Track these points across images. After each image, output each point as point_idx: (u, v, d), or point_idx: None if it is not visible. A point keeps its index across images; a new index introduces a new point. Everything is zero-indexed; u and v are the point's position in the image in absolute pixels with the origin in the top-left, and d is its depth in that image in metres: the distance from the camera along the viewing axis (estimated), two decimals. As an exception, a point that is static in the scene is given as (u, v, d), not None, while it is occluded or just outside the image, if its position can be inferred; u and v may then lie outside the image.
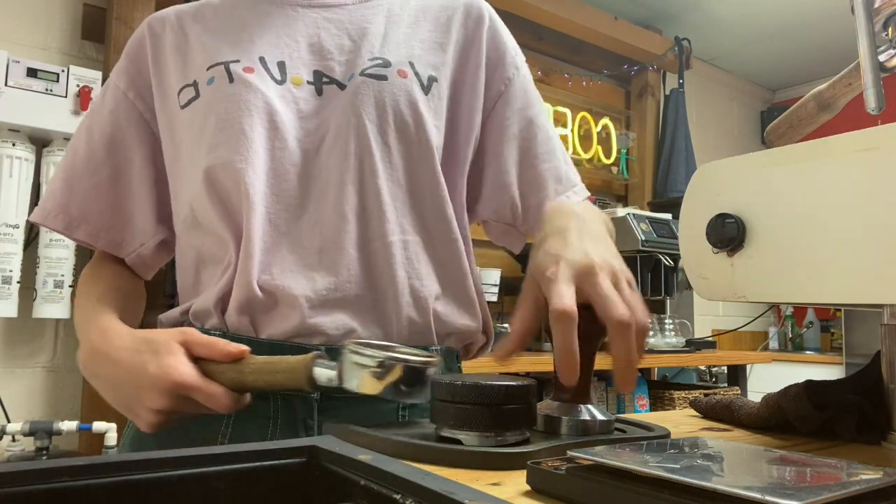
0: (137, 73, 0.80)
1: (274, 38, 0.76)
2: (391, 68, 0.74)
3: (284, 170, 0.71)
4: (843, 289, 0.47)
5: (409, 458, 0.46)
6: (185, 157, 0.76)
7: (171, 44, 0.79)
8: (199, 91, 0.74)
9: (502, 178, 0.82)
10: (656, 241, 2.50)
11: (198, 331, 0.63)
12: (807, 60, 4.05)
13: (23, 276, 1.82)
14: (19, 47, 1.95)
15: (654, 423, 0.60)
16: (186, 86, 0.75)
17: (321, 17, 0.78)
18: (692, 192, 0.58)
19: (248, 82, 0.72)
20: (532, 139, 0.82)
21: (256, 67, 0.73)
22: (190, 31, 0.79)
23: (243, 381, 0.59)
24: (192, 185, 0.73)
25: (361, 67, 0.74)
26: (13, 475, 0.33)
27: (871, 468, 0.37)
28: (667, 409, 2.57)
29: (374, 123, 0.72)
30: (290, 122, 0.72)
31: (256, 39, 0.76)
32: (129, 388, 0.61)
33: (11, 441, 1.69)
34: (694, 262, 0.57)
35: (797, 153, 0.50)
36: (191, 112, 0.74)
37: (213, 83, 0.73)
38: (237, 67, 0.73)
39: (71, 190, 0.80)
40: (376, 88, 0.72)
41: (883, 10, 0.61)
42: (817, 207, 0.48)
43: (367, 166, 0.72)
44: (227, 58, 0.74)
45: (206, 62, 0.75)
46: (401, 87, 0.74)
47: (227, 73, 0.73)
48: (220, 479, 0.38)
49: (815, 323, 4.05)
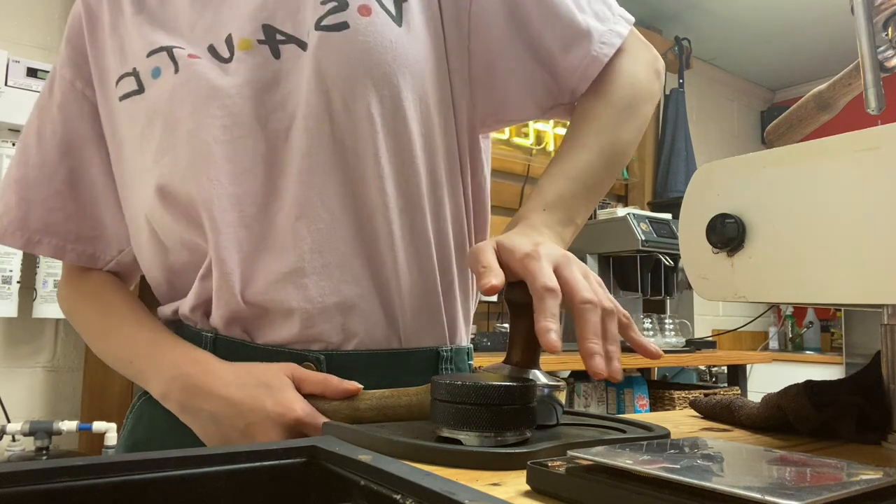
0: (82, 58, 0.71)
1: (216, 11, 0.65)
2: (350, 7, 0.61)
3: (252, 162, 0.61)
4: (843, 289, 0.47)
5: (409, 458, 0.46)
6: (130, 161, 0.67)
7: (108, 23, 0.69)
8: (142, 84, 0.64)
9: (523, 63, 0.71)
10: (656, 241, 2.50)
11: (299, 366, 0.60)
12: (807, 60, 4.05)
13: (23, 276, 1.82)
14: (19, 47, 1.95)
15: (654, 423, 0.60)
16: (126, 74, 0.66)
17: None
18: (692, 192, 0.58)
19: (194, 70, 0.62)
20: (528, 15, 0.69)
21: (202, 53, 0.64)
22: (125, 5, 0.69)
23: (360, 418, 0.57)
24: (144, 197, 0.65)
25: (313, 18, 0.61)
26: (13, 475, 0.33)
27: (871, 468, 0.37)
28: (667, 409, 2.57)
29: (347, 92, 0.60)
30: (247, 103, 0.61)
31: (199, 15, 0.66)
32: (238, 423, 0.57)
33: (11, 441, 1.69)
34: (694, 262, 0.57)
35: (797, 153, 0.50)
36: (131, 105, 0.65)
37: (160, 77, 0.63)
38: (182, 53, 0.63)
39: (27, 201, 0.71)
40: (338, 43, 0.60)
41: (883, 10, 0.61)
42: (817, 207, 0.48)
43: (349, 146, 0.61)
44: (170, 41, 0.64)
45: (146, 46, 0.65)
46: (368, 31, 0.60)
47: (172, 60, 0.63)
48: (220, 479, 0.38)
49: (815, 323, 4.05)
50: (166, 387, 0.61)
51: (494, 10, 0.69)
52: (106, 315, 0.71)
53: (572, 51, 0.70)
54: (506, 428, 0.49)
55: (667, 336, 2.61)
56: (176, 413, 0.61)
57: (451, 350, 0.70)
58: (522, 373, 0.57)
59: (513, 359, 0.57)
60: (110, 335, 0.69)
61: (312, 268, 0.62)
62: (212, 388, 0.58)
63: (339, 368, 0.62)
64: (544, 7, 0.69)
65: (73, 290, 0.75)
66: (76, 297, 0.75)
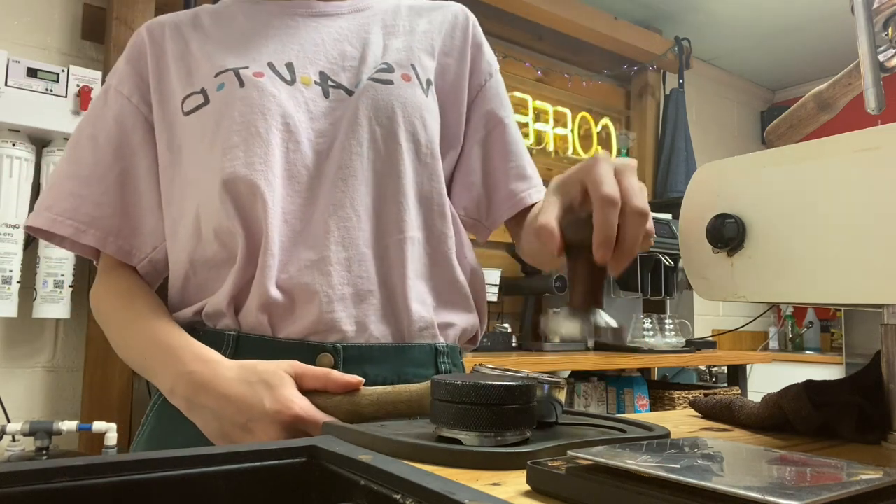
0: (140, 78, 0.81)
1: (279, 45, 0.78)
2: (395, 73, 0.78)
3: (298, 171, 0.73)
4: (843, 289, 0.47)
5: (409, 458, 0.46)
6: (191, 163, 0.76)
7: (172, 52, 0.80)
8: (209, 97, 0.75)
9: (471, 176, 0.87)
10: (656, 241, 2.50)
11: (301, 363, 0.62)
12: (807, 60, 4.05)
13: (23, 276, 1.82)
14: (19, 47, 1.95)
15: (654, 423, 0.60)
16: (193, 94, 0.76)
17: (321, 25, 0.81)
18: (692, 192, 0.58)
19: (259, 85, 0.73)
20: (500, 139, 0.88)
21: (266, 72, 0.75)
22: (191, 40, 0.80)
23: (360, 413, 0.58)
24: (201, 190, 0.74)
25: (367, 75, 0.77)
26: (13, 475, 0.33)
27: (871, 468, 0.37)
28: (667, 409, 2.57)
29: (383, 126, 0.75)
30: (302, 123, 0.74)
31: (261, 47, 0.78)
32: (238, 420, 0.60)
33: (11, 441, 1.69)
34: (694, 262, 0.57)
35: (797, 153, 0.50)
36: (198, 118, 0.75)
37: (224, 89, 0.74)
38: (247, 73, 0.74)
39: (78, 196, 0.78)
40: (384, 92, 0.76)
41: (883, 10, 0.61)
42: (817, 207, 0.48)
43: (378, 167, 0.75)
44: (236, 64, 0.76)
45: (213, 70, 0.76)
46: (406, 90, 0.78)
47: (238, 77, 0.74)
48: (220, 479, 0.38)
49: (815, 323, 4.05)
50: (173, 383, 0.65)
51: (476, 128, 0.88)
52: (128, 310, 0.75)
53: (515, 184, 0.87)
54: (506, 428, 0.49)
55: (667, 336, 2.61)
56: (182, 409, 0.65)
57: (447, 346, 0.78)
58: (586, 313, 0.57)
59: (575, 301, 0.57)
60: (129, 330, 0.74)
61: (336, 259, 0.72)
62: (215, 385, 0.62)
63: (353, 359, 0.70)
64: (512, 144, 0.88)
65: (106, 288, 0.80)
66: (107, 293, 0.79)
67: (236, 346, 0.70)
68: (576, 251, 0.57)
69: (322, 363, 0.69)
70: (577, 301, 0.58)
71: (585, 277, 0.57)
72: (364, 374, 0.65)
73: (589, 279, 0.57)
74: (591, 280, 0.57)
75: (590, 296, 0.57)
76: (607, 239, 0.53)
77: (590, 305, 0.57)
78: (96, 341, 1.92)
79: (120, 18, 2.02)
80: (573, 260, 0.58)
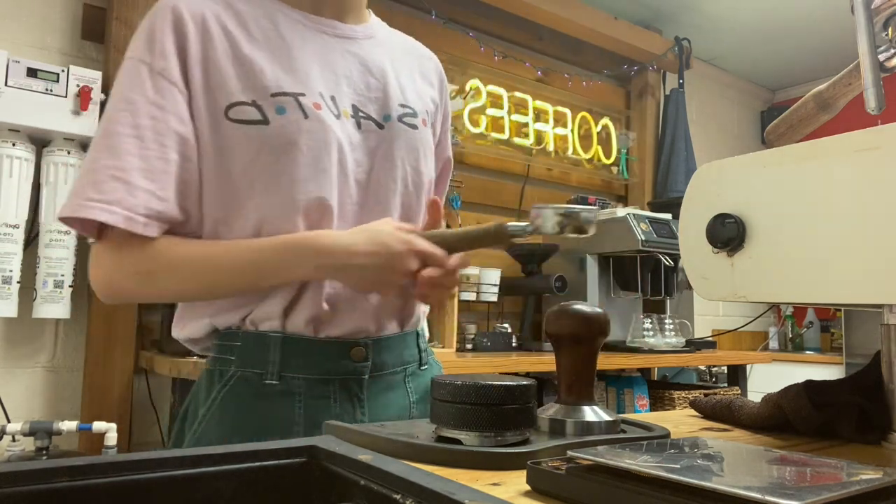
0: (184, 63, 0.78)
1: (320, 71, 0.84)
2: (417, 118, 0.91)
3: (346, 199, 0.83)
4: (843, 289, 0.47)
5: (409, 458, 0.46)
6: (247, 179, 0.78)
7: (222, 48, 0.79)
8: (267, 117, 0.77)
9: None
10: (656, 241, 2.49)
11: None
12: (807, 60, 4.05)
13: (23, 276, 1.82)
14: (19, 47, 1.95)
15: (654, 423, 0.60)
16: (243, 104, 0.77)
17: (345, 50, 0.87)
18: (692, 192, 0.58)
19: (320, 119, 0.80)
20: (444, 178, 1.05)
21: (321, 103, 0.81)
22: (240, 41, 0.80)
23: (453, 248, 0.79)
24: (268, 212, 0.78)
25: (395, 112, 0.88)
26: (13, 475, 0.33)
27: (871, 468, 0.37)
28: (667, 409, 2.57)
29: (412, 167, 0.88)
30: (347, 155, 0.82)
31: (308, 71, 0.82)
32: (382, 260, 0.75)
33: (11, 441, 1.69)
34: (694, 262, 0.57)
35: (797, 153, 0.50)
36: (251, 132, 0.77)
37: (286, 114, 0.78)
38: (306, 101, 0.80)
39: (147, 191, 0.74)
40: (411, 136, 0.89)
41: (883, 10, 0.61)
42: (817, 207, 0.48)
43: (404, 200, 0.88)
44: (294, 89, 0.80)
45: (269, 87, 0.78)
46: (425, 134, 0.92)
47: (300, 106, 0.79)
48: (220, 479, 0.38)
49: (815, 323, 4.05)
50: (317, 262, 0.77)
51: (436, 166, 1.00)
52: (217, 245, 0.78)
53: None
54: (506, 428, 0.49)
55: (667, 336, 2.61)
56: (329, 276, 0.79)
57: (421, 329, 0.94)
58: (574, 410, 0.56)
59: (562, 396, 0.57)
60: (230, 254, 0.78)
61: None
62: (348, 246, 0.76)
63: (378, 349, 0.84)
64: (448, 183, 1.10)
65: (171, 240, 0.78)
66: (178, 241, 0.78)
67: (282, 346, 0.79)
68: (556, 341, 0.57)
69: (356, 356, 0.82)
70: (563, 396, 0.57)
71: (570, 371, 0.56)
72: (382, 362, 0.84)
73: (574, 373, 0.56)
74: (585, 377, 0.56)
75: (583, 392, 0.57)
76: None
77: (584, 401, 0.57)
78: (96, 341, 1.92)
79: (120, 18, 2.02)
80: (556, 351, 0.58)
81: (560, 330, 0.56)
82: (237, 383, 0.79)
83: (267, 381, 0.78)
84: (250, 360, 0.79)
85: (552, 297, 2.62)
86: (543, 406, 0.58)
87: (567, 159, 3.21)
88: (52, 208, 1.85)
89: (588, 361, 0.56)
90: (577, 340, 0.56)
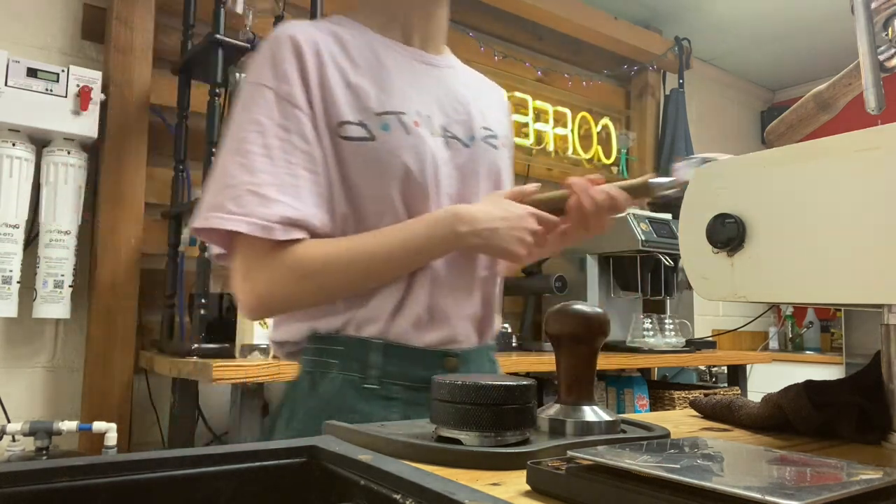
0: (306, 88, 0.85)
1: (416, 94, 0.92)
2: (497, 140, 0.99)
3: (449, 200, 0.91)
4: (843, 289, 0.47)
5: (409, 458, 0.46)
6: (362, 191, 0.86)
7: (334, 76, 0.87)
8: (373, 133, 0.85)
9: None
10: (656, 241, 2.49)
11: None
12: (807, 60, 4.05)
13: (23, 276, 1.82)
14: (19, 47, 1.95)
15: (654, 423, 0.60)
16: (352, 123, 0.86)
17: (432, 76, 0.96)
18: (692, 192, 0.58)
19: (419, 135, 0.88)
20: None
21: (420, 122, 0.89)
22: (346, 68, 0.88)
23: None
24: (385, 219, 0.86)
25: (479, 134, 0.96)
26: (13, 475, 0.33)
27: (871, 468, 0.37)
28: (667, 409, 2.57)
29: (492, 182, 0.97)
30: (441, 168, 0.90)
31: (407, 93, 0.91)
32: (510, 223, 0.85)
33: (11, 441, 1.69)
34: (694, 262, 0.57)
35: (797, 153, 0.50)
36: (361, 148, 0.85)
37: (389, 131, 0.86)
38: (408, 120, 0.88)
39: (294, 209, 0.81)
40: (493, 155, 0.97)
41: (883, 10, 0.61)
42: (817, 207, 0.48)
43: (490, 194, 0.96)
44: (395, 108, 0.88)
45: (374, 108, 0.87)
46: (505, 155, 1.01)
47: (402, 124, 0.87)
48: (220, 479, 0.38)
49: (815, 323, 4.05)
50: (458, 229, 0.84)
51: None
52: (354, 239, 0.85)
53: None
54: (506, 428, 0.49)
55: (667, 336, 2.61)
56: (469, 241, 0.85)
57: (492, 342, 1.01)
58: (574, 410, 0.56)
59: (562, 396, 0.57)
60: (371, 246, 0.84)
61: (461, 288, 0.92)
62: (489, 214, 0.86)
63: (464, 360, 0.90)
64: None
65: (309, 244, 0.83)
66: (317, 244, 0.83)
67: (384, 352, 0.85)
68: (555, 340, 0.57)
69: (449, 365, 0.88)
70: (563, 396, 0.57)
71: (569, 371, 0.56)
72: (468, 373, 0.89)
73: (574, 373, 0.56)
74: (585, 377, 0.56)
75: (583, 392, 0.56)
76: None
77: (584, 401, 0.56)
78: (96, 341, 1.92)
79: (120, 18, 2.02)
80: (555, 351, 0.57)
81: (560, 330, 0.56)
82: (342, 384, 0.84)
83: (366, 385, 0.84)
84: (352, 364, 0.85)
85: (552, 297, 2.62)
86: (543, 406, 0.58)
87: (567, 159, 3.21)
88: (52, 208, 1.85)
89: (588, 361, 0.56)
90: (577, 340, 0.56)
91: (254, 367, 1.51)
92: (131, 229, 1.99)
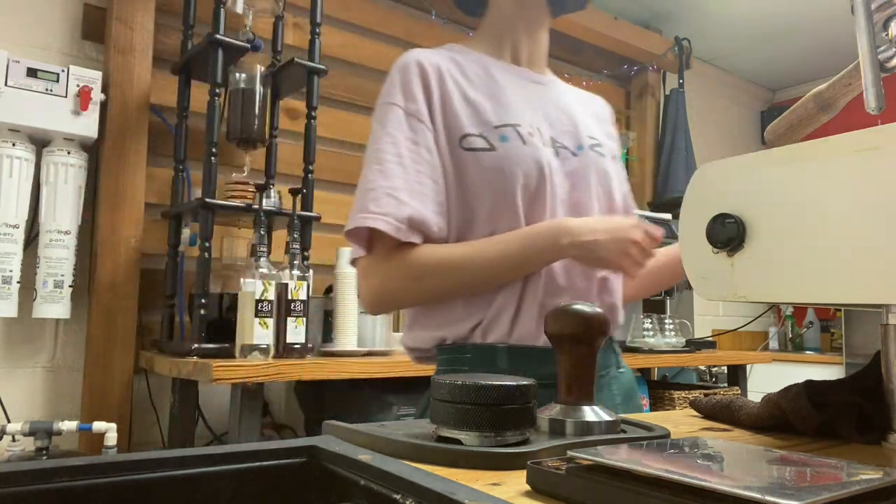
0: (430, 107, 0.97)
1: (527, 108, 1.01)
2: (604, 148, 1.06)
3: (555, 214, 0.96)
4: (843, 289, 0.47)
5: (409, 458, 0.46)
6: (479, 195, 0.94)
7: (455, 93, 0.98)
8: (493, 144, 0.94)
9: None
10: (656, 241, 2.49)
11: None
12: (807, 60, 4.05)
13: (23, 276, 1.82)
14: (19, 47, 1.95)
15: (654, 423, 0.60)
16: (472, 135, 0.95)
17: (539, 92, 1.05)
18: (692, 192, 0.58)
19: (535, 145, 0.96)
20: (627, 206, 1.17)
21: (535, 133, 0.97)
22: (465, 87, 0.99)
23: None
24: (502, 222, 0.93)
25: (587, 143, 1.04)
26: (13, 475, 0.33)
27: (871, 468, 0.37)
28: (667, 409, 2.57)
29: (604, 187, 1.03)
30: (555, 175, 0.97)
31: (520, 108, 1.00)
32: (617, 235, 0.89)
33: (11, 441, 1.69)
34: (694, 262, 0.57)
35: (797, 153, 0.50)
36: (481, 157, 0.94)
37: (508, 141, 0.95)
38: (523, 131, 0.96)
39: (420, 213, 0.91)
40: (601, 162, 1.04)
41: (883, 10, 0.61)
42: (817, 207, 0.48)
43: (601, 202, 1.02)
44: (512, 121, 0.97)
45: (492, 121, 0.96)
46: (610, 163, 1.06)
47: (519, 135, 0.95)
48: (220, 479, 0.38)
49: (815, 323, 4.05)
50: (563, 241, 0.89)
51: None
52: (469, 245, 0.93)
53: None
54: (506, 428, 0.49)
55: (667, 336, 2.61)
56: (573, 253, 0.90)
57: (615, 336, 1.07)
58: (574, 410, 0.56)
59: (562, 396, 0.57)
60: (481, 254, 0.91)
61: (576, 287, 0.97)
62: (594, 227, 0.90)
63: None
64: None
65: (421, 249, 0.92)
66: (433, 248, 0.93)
67: (509, 355, 0.92)
68: (556, 341, 0.57)
69: None
70: (563, 396, 0.57)
71: (569, 372, 0.57)
72: None
73: (574, 374, 0.56)
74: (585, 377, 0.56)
75: (583, 392, 0.56)
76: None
77: (584, 401, 0.56)
78: (96, 341, 1.92)
79: (120, 18, 2.02)
80: (556, 351, 0.58)
81: (560, 330, 0.56)
82: None
83: None
84: (481, 368, 0.92)
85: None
86: (543, 406, 0.58)
87: (567, 159, 3.21)
88: (52, 208, 1.85)
89: (588, 361, 0.56)
90: (577, 340, 0.56)
91: (254, 367, 1.51)
92: (131, 229, 1.99)
